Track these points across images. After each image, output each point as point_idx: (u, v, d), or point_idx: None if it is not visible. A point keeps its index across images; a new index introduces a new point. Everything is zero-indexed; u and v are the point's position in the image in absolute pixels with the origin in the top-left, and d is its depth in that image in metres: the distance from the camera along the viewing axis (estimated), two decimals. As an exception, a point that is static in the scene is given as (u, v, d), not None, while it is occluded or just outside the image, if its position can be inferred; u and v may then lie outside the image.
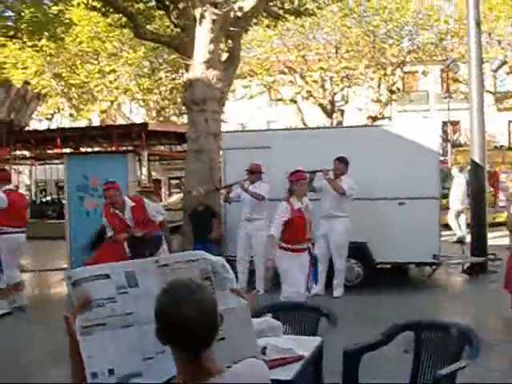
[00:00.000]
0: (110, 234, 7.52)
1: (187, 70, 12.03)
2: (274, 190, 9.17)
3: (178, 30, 13.25)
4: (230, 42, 12.47)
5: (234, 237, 9.34)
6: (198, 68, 11.36)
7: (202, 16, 11.16)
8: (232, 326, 2.49)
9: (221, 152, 10.38)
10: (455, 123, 26.88)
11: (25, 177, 31.10)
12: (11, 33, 17.81)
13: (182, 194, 14.47)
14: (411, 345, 3.93)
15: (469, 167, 12.20)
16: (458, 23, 21.66)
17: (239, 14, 11.32)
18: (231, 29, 11.77)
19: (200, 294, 1.86)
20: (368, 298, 8.17)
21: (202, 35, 11.23)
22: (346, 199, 8.31)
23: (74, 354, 2.05)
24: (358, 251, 8.93)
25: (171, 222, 10.82)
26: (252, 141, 9.61)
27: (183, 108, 20.03)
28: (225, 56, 12.35)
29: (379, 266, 9.57)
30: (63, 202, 16.90)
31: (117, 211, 7.43)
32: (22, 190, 35.94)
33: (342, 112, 26.45)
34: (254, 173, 9.02)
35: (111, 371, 2.14)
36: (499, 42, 23.91)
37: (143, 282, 2.31)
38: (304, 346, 3.60)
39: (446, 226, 14.25)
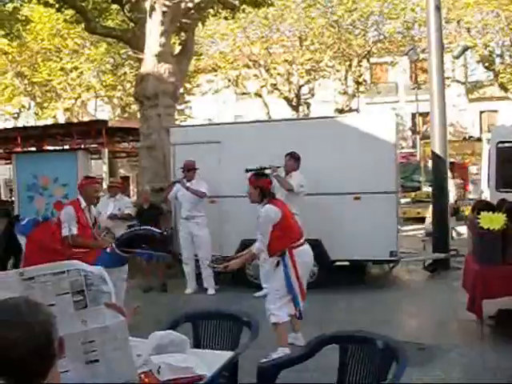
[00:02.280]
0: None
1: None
2: (225, 186, 8.87)
3: (132, 24, 12.86)
4: (183, 34, 12.07)
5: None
6: (149, 62, 10.99)
7: (153, 8, 10.78)
8: (107, 345, 2.21)
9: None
10: (425, 115, 26.68)
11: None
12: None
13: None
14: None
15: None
16: (426, 11, 21.32)
17: (190, 4, 10.94)
18: (184, 20, 11.39)
19: (31, 316, 1.60)
20: (322, 298, 7.80)
21: (153, 28, 10.86)
22: (295, 196, 7.90)
23: None
24: (311, 248, 8.56)
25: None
26: (201, 136, 9.23)
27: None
28: (178, 49, 11.97)
29: (337, 264, 9.26)
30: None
31: None
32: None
33: (309, 105, 26.12)
34: (190, 170, 8.67)
35: None
36: (468, 29, 23.65)
37: (3, 297, 1.99)
38: (213, 362, 3.23)
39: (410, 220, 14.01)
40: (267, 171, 7.86)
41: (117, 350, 2.27)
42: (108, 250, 6.16)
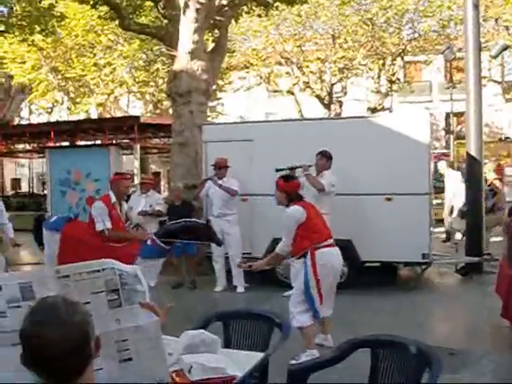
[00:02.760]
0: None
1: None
2: (256, 184, 8.84)
3: (166, 21, 12.91)
4: (216, 31, 12.07)
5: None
6: (182, 59, 11.01)
7: (186, 5, 10.79)
8: (140, 344, 2.23)
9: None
10: (459, 115, 26.20)
11: (27, 169, 31.26)
12: (2, 28, 17.64)
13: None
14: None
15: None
16: (463, 9, 20.85)
17: (224, 1, 10.95)
18: (217, 18, 11.39)
19: (68, 316, 1.62)
20: (351, 299, 7.73)
21: (186, 25, 10.86)
22: (326, 196, 7.80)
23: None
24: (342, 249, 8.45)
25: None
26: (234, 133, 9.22)
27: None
28: (211, 46, 11.98)
29: (368, 265, 9.18)
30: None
31: None
32: (24, 183, 36.20)
33: (341, 103, 25.94)
34: (222, 168, 8.67)
35: None
36: (507, 28, 23.12)
37: (41, 294, 2.03)
38: (244, 363, 3.21)
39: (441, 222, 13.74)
40: (298, 170, 7.84)
41: (150, 349, 2.27)
42: (149, 242, 6.22)
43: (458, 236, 12.17)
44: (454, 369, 5.20)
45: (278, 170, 7.70)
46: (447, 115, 29.63)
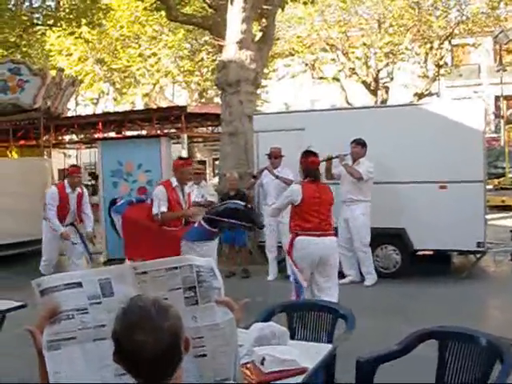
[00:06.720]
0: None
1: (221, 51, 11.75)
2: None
3: (212, 10, 12.95)
4: (263, 20, 12.05)
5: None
6: (230, 49, 11.05)
7: (234, -6, 10.78)
8: (215, 342, 2.27)
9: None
10: (509, 98, 25.44)
11: (74, 160, 31.80)
12: (51, 21, 17.98)
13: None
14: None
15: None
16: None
17: (272, -10, 10.90)
18: (264, 7, 11.37)
19: (159, 320, 1.64)
20: (405, 288, 7.73)
21: (234, 15, 10.88)
22: (364, 183, 8.00)
23: (42, 371, 1.89)
24: (395, 237, 8.50)
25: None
26: (285, 123, 9.22)
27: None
28: (258, 35, 11.98)
29: (421, 253, 9.11)
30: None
31: None
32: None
33: (387, 89, 25.55)
34: (277, 157, 8.70)
35: None
36: None
37: (119, 290, 2.08)
38: (312, 355, 3.25)
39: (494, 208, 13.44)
40: (335, 160, 7.95)
41: (224, 345, 2.28)
42: (196, 224, 6.39)
43: None
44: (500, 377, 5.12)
45: None
46: (496, 98, 28.92)
